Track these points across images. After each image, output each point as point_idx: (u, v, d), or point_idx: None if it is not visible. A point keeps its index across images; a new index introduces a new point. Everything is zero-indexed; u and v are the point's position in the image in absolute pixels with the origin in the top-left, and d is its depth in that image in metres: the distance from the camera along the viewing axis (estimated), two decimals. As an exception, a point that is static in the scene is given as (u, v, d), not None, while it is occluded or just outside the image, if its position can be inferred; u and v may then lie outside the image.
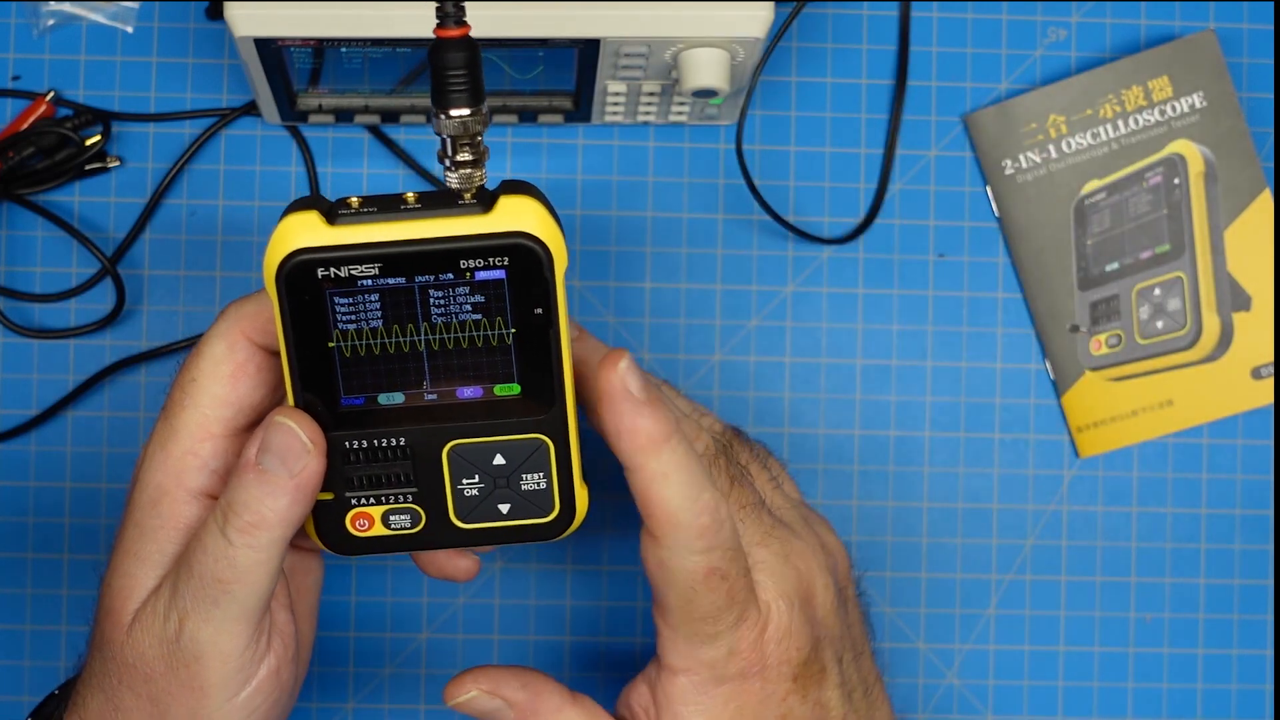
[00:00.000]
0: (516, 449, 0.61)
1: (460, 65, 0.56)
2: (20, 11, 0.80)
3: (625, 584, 0.81)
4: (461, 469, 0.61)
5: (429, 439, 0.60)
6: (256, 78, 0.72)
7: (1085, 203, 0.82)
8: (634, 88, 0.75)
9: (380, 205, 0.57)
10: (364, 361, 0.58)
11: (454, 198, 0.57)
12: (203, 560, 0.59)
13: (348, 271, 0.56)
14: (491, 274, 0.57)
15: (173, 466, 0.61)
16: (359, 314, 0.58)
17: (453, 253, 0.56)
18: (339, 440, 0.60)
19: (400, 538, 0.62)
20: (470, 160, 0.57)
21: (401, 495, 0.61)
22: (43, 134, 0.79)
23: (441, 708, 0.80)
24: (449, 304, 0.58)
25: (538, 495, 0.62)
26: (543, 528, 0.63)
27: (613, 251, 0.82)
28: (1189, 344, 0.82)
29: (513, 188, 0.57)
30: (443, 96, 0.56)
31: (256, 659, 0.61)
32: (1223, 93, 0.82)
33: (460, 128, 0.56)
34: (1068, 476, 0.82)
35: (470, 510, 0.62)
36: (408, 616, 0.81)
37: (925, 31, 0.82)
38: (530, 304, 0.57)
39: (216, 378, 0.61)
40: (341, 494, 0.61)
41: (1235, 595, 0.82)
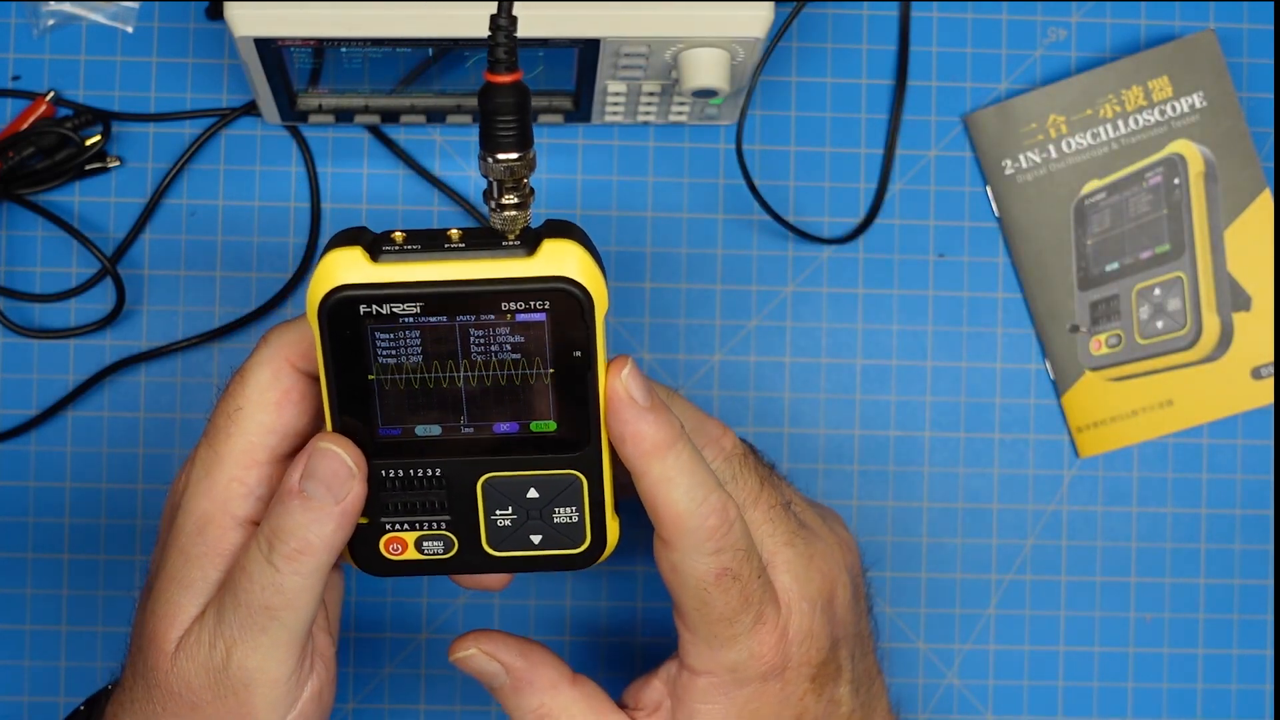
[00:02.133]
0: (550, 484, 0.61)
1: (510, 111, 0.56)
2: (20, 11, 0.80)
3: (625, 584, 0.81)
4: (495, 500, 0.61)
5: (464, 471, 0.61)
6: (256, 78, 0.72)
7: (1085, 203, 0.82)
8: (634, 88, 0.75)
9: (424, 243, 0.57)
10: (403, 395, 0.59)
11: (498, 238, 0.57)
12: (249, 588, 0.59)
13: (390, 310, 0.57)
14: (532, 316, 0.57)
15: (219, 494, 0.61)
16: (399, 349, 0.58)
17: (495, 295, 0.57)
18: (376, 468, 0.60)
19: (433, 562, 0.63)
20: (516, 204, 0.57)
21: (436, 523, 0.62)
22: (43, 134, 0.79)
23: (441, 708, 0.80)
24: (489, 343, 0.58)
25: (570, 528, 0.62)
26: (573, 558, 0.63)
27: (613, 252, 0.82)
28: (1189, 344, 0.82)
29: (556, 229, 0.58)
30: (491, 141, 0.56)
31: (300, 683, 0.61)
32: (1223, 93, 0.82)
33: (507, 172, 0.56)
34: (1068, 476, 0.82)
35: (503, 540, 0.62)
36: (408, 616, 0.81)
37: (925, 31, 0.82)
38: (570, 347, 0.58)
39: (263, 405, 0.61)
40: (376, 519, 0.62)
41: (1235, 595, 0.82)
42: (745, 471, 0.64)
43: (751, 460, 0.65)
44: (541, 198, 0.81)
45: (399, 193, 0.81)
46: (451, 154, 0.81)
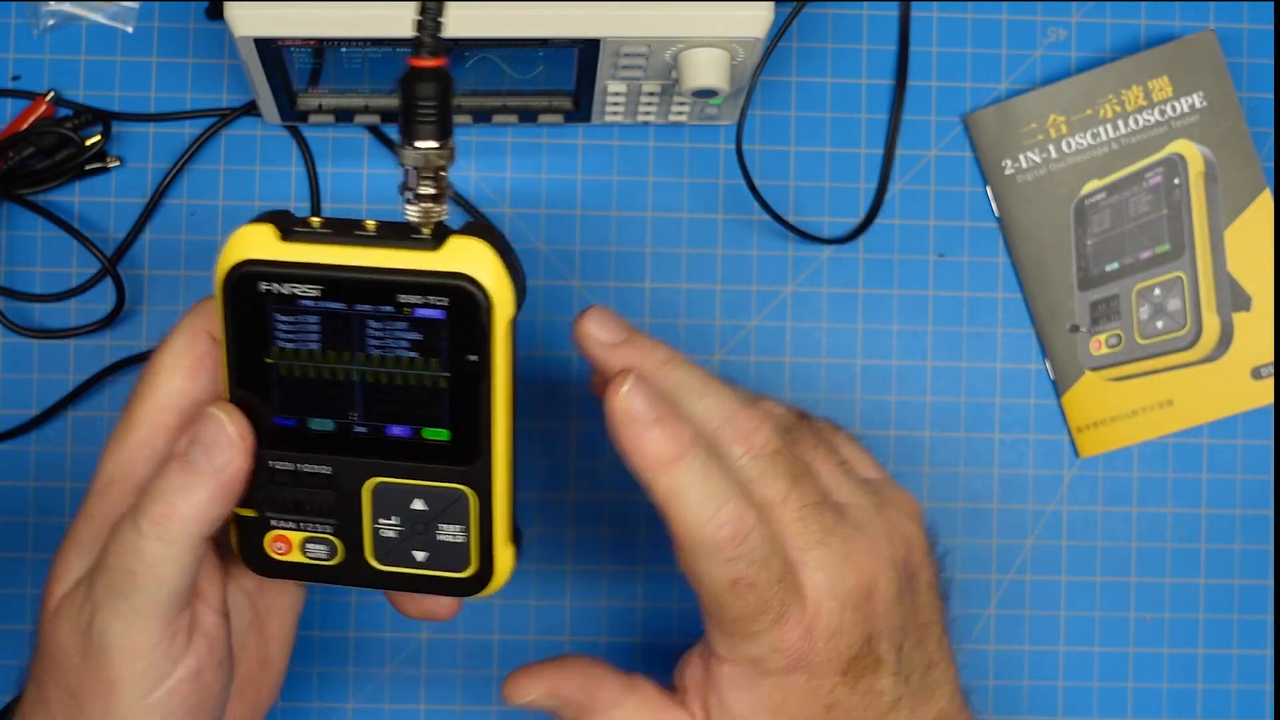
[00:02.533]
0: (437, 496, 0.60)
1: (431, 96, 0.55)
2: (20, 11, 0.80)
3: (625, 584, 0.81)
4: (381, 508, 0.60)
5: (352, 472, 0.59)
6: (256, 78, 0.72)
7: (1085, 203, 0.82)
8: (634, 88, 0.75)
9: (337, 228, 0.56)
10: (299, 383, 0.58)
11: (410, 230, 0.56)
12: (115, 550, 0.58)
13: (290, 289, 0.56)
14: (431, 313, 0.56)
15: (125, 456, 0.60)
16: (298, 334, 0.57)
17: (391, 285, 0.56)
18: (266, 458, 0.59)
19: (317, 568, 0.61)
20: (431, 195, 0.56)
21: (321, 524, 0.61)
22: (43, 134, 0.79)
23: (441, 708, 0.80)
24: (386, 337, 0.57)
25: (454, 548, 0.60)
26: (457, 583, 0.61)
27: (613, 251, 0.82)
28: (1189, 344, 0.82)
29: (473, 229, 0.56)
30: (410, 127, 0.55)
31: (171, 657, 0.59)
32: (1223, 93, 0.82)
33: (423, 159, 0.55)
34: (1068, 476, 0.82)
35: (387, 552, 0.61)
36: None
37: (925, 31, 0.82)
38: (465, 350, 0.56)
39: (176, 370, 0.60)
40: (263, 513, 0.60)
41: (1235, 595, 0.82)
42: (774, 470, 0.62)
43: (784, 459, 0.63)
44: (541, 198, 0.81)
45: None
46: (451, 154, 0.81)
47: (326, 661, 0.80)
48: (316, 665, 0.80)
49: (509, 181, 0.81)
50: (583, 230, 0.82)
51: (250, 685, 0.66)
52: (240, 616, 0.65)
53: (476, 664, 0.81)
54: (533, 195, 0.81)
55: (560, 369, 0.81)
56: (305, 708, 0.80)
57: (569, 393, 0.81)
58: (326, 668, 0.80)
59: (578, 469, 0.81)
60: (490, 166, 0.81)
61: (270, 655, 0.66)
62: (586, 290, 0.81)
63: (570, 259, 0.81)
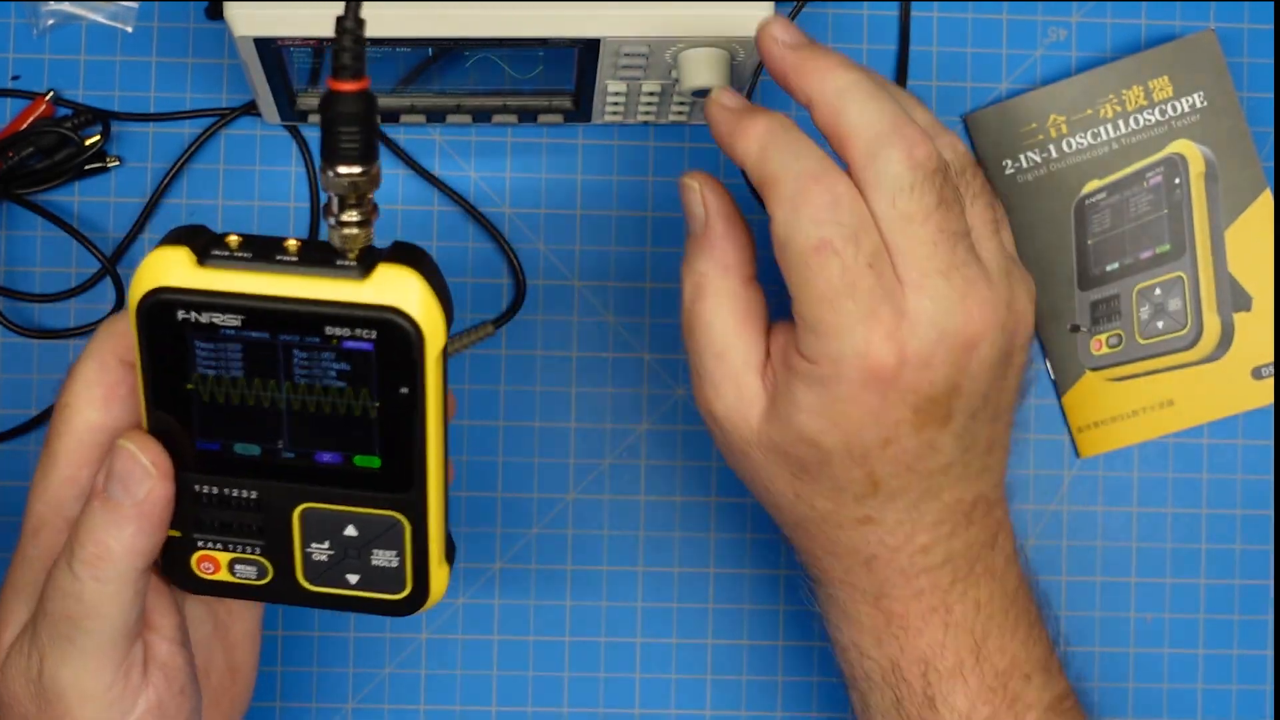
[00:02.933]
0: (370, 523, 0.59)
1: (353, 121, 0.52)
2: (20, 11, 0.80)
3: (625, 584, 0.81)
4: (312, 532, 0.59)
5: (281, 497, 0.58)
6: (256, 77, 0.72)
7: (1086, 202, 0.82)
8: (634, 87, 0.75)
9: (257, 250, 0.54)
10: (222, 409, 0.56)
11: (334, 256, 0.54)
12: (53, 595, 0.57)
13: (209, 319, 0.54)
14: (359, 345, 0.54)
15: (52, 495, 0.59)
16: (220, 361, 0.55)
17: (318, 317, 0.54)
18: (190, 481, 0.58)
19: (244, 587, 0.61)
20: (357, 221, 0.54)
21: (250, 546, 0.60)
22: (42, 134, 0.78)
23: (441, 708, 0.80)
24: (313, 367, 0.55)
25: (388, 572, 0.60)
26: (390, 604, 0.61)
27: (612, 251, 0.82)
28: (1189, 344, 0.82)
29: (400, 254, 0.54)
30: (332, 153, 0.53)
31: (129, 694, 0.58)
32: (1223, 93, 0.82)
33: (349, 187, 0.53)
34: (1068, 476, 0.82)
35: (319, 575, 0.60)
36: (407, 617, 0.80)
37: (925, 31, 0.82)
38: (396, 382, 0.55)
39: (90, 401, 0.59)
40: (189, 533, 0.59)
41: (1235, 595, 0.82)
42: (928, 186, 0.61)
43: (941, 180, 0.61)
44: (541, 197, 0.81)
45: (399, 193, 0.81)
46: (451, 154, 0.81)
47: (326, 661, 0.80)
48: (316, 665, 0.80)
49: (509, 181, 0.81)
50: (583, 230, 0.81)
51: (223, 696, 0.65)
52: (201, 628, 0.64)
53: (476, 664, 0.81)
54: (533, 195, 0.81)
55: (561, 369, 0.81)
56: (305, 708, 0.80)
57: (569, 393, 0.81)
58: (326, 668, 0.80)
59: (578, 469, 0.81)
60: (490, 166, 0.81)
61: (238, 661, 0.65)
62: (586, 290, 0.81)
63: (570, 259, 0.81)
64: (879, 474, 0.64)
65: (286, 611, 0.80)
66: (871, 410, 0.62)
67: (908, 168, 0.61)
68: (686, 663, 0.81)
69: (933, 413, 0.62)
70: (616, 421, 0.81)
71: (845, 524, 0.66)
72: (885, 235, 0.61)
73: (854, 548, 0.66)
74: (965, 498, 0.66)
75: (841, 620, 0.69)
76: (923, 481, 0.64)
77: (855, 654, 0.68)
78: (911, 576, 0.66)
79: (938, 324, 0.61)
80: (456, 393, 0.80)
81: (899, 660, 0.67)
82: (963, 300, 0.62)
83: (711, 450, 0.81)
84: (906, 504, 0.65)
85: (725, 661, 0.81)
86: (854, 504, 0.65)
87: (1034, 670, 0.68)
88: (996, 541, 0.68)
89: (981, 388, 0.63)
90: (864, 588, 0.67)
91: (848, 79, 0.62)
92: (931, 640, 0.66)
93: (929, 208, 0.61)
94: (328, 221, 0.54)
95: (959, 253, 0.62)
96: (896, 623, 0.67)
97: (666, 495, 0.81)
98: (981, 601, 0.67)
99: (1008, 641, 0.67)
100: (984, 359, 0.63)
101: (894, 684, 0.67)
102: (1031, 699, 0.67)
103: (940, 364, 0.62)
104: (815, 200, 0.60)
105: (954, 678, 0.66)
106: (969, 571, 0.66)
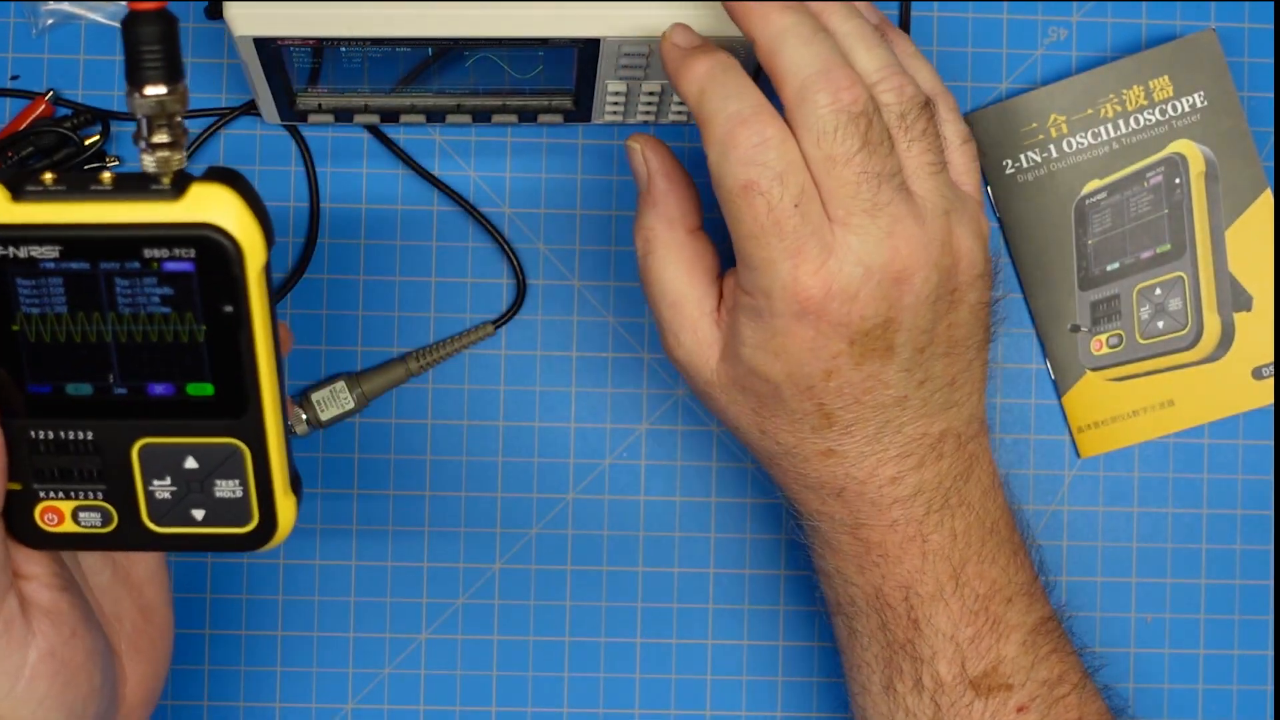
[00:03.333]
0: (209, 453, 0.58)
1: (154, 40, 0.53)
2: (19, 11, 0.80)
3: (624, 584, 0.81)
4: (153, 469, 0.59)
5: (118, 435, 0.58)
6: (256, 77, 0.72)
7: (1086, 202, 0.82)
8: (634, 87, 0.75)
9: (71, 184, 0.54)
10: (49, 348, 0.56)
11: (148, 181, 0.54)
12: None
13: (27, 252, 0.54)
14: (179, 265, 0.54)
15: None
16: (43, 297, 0.55)
17: (134, 240, 0.54)
18: (25, 428, 0.58)
19: (91, 536, 0.60)
20: (167, 142, 0.54)
21: (91, 491, 0.59)
22: (42, 134, 0.78)
23: (441, 708, 0.80)
24: (136, 294, 0.55)
25: (233, 504, 0.59)
26: (241, 539, 0.60)
27: (612, 251, 0.81)
28: (1190, 344, 0.81)
29: (215, 175, 0.55)
30: (137, 73, 0.53)
31: (14, 647, 0.58)
32: (1224, 92, 0.82)
33: (157, 107, 0.53)
34: (1068, 477, 0.82)
35: (163, 514, 0.60)
36: (407, 616, 0.81)
37: (925, 31, 0.82)
38: (219, 301, 0.55)
39: None
40: (30, 485, 0.59)
41: (1236, 595, 0.82)
42: (851, 129, 0.63)
43: (867, 123, 0.64)
44: (541, 197, 0.81)
45: (398, 193, 0.81)
46: (451, 154, 0.81)
47: (326, 662, 0.80)
48: (316, 665, 0.80)
49: (509, 181, 0.81)
50: (583, 230, 0.81)
51: (141, 638, 0.65)
52: (98, 576, 0.64)
53: (476, 664, 0.81)
54: (533, 195, 0.81)
55: (561, 369, 0.81)
56: (305, 708, 0.80)
57: (569, 393, 0.81)
58: (326, 668, 0.80)
59: (578, 469, 0.81)
60: (490, 166, 0.81)
61: (148, 601, 0.65)
62: (586, 290, 0.81)
63: (570, 259, 0.81)
64: (829, 406, 0.66)
65: (287, 612, 0.80)
66: (807, 342, 0.65)
67: (832, 111, 0.63)
68: (686, 663, 0.81)
69: (869, 345, 0.65)
70: (616, 421, 0.81)
71: (810, 457, 0.68)
72: (815, 175, 0.64)
73: (823, 481, 0.69)
74: (930, 431, 0.68)
75: (825, 549, 0.71)
76: (877, 414, 0.67)
77: (840, 580, 0.71)
78: (884, 508, 0.68)
79: (864, 260, 0.64)
80: (456, 393, 0.80)
81: (881, 586, 0.69)
82: (889, 237, 0.64)
83: (712, 450, 0.81)
84: (865, 436, 0.67)
85: (725, 661, 0.81)
86: (813, 436, 0.67)
87: (1016, 595, 0.70)
88: (972, 475, 0.69)
89: (922, 323, 0.66)
90: (840, 518, 0.69)
91: (786, 21, 0.64)
92: (911, 567, 0.69)
93: (851, 150, 0.63)
94: (139, 146, 0.54)
95: (884, 193, 0.64)
96: (876, 551, 0.69)
97: (666, 495, 0.81)
98: (958, 532, 0.69)
99: (987, 568, 0.69)
100: (918, 294, 0.65)
101: (879, 608, 0.69)
102: (1014, 621, 0.69)
103: (868, 298, 0.64)
104: (743, 142, 0.63)
105: (935, 601, 0.68)
106: (943, 504, 0.68)
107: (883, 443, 0.67)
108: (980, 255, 0.68)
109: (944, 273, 0.66)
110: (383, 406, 0.81)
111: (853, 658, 0.72)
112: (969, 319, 0.68)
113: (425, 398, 0.81)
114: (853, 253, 0.64)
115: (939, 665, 0.68)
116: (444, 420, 0.81)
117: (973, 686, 0.68)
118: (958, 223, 0.67)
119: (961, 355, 0.68)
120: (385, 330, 0.81)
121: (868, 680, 0.71)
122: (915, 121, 0.66)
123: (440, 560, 0.81)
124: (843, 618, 0.72)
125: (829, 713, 0.81)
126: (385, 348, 0.81)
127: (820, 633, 0.81)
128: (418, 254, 0.81)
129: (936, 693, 0.68)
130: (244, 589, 0.80)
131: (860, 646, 0.71)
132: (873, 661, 0.70)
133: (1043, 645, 0.69)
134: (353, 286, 0.81)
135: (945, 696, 0.68)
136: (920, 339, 0.66)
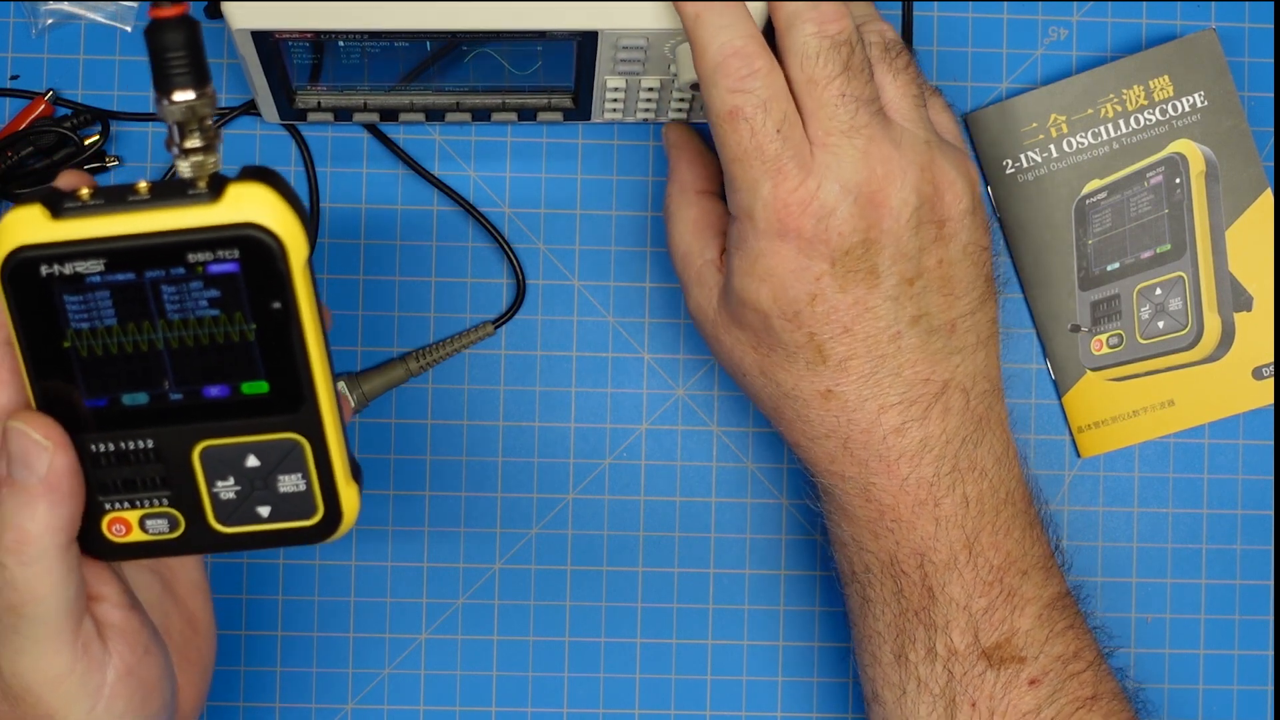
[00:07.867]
0: (269, 450, 0.59)
1: (179, 46, 0.53)
2: (19, 11, 0.80)
3: (624, 584, 0.81)
4: (215, 471, 0.59)
5: (178, 440, 0.58)
6: (255, 74, 0.72)
7: (1086, 202, 0.82)
8: (633, 83, 0.75)
9: (109, 196, 0.54)
10: (102, 361, 0.56)
11: (185, 187, 0.54)
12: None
13: (73, 269, 0.54)
14: (224, 267, 0.55)
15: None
16: (92, 312, 0.55)
17: (178, 246, 0.54)
18: (85, 442, 0.58)
19: (161, 543, 0.60)
20: (201, 147, 0.54)
21: (156, 499, 0.59)
22: (41, 133, 0.78)
23: (441, 708, 0.80)
24: (184, 300, 0.55)
25: (298, 498, 0.60)
26: (308, 531, 0.61)
27: (612, 251, 0.81)
28: (1190, 344, 0.81)
29: (250, 174, 0.55)
30: (165, 81, 0.54)
31: (95, 668, 0.58)
32: (1224, 92, 0.82)
33: (187, 112, 0.54)
34: (1069, 477, 0.82)
35: (230, 514, 0.60)
36: (407, 616, 0.81)
37: (926, 31, 0.82)
38: (267, 298, 0.55)
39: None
40: (95, 498, 0.59)
41: (1236, 596, 0.82)
42: (834, 54, 0.66)
43: (850, 51, 0.66)
44: (541, 197, 0.81)
45: (398, 193, 0.81)
46: (451, 154, 0.81)
47: (326, 662, 0.80)
48: (316, 665, 0.80)
49: (509, 181, 0.81)
50: (583, 230, 0.81)
51: (190, 649, 0.65)
52: (149, 591, 0.64)
53: (476, 664, 0.81)
54: (533, 195, 0.81)
55: (561, 369, 0.81)
56: (305, 708, 0.80)
57: (569, 393, 0.81)
58: (326, 668, 0.80)
59: (578, 469, 0.81)
60: (490, 166, 0.81)
61: (194, 612, 0.65)
62: (586, 290, 0.81)
63: (570, 259, 0.81)
64: (819, 336, 0.67)
65: (287, 612, 0.80)
66: (789, 262, 0.66)
67: (816, 38, 0.66)
68: (686, 663, 0.81)
69: (851, 267, 0.67)
70: (616, 421, 0.81)
71: (811, 400, 0.69)
72: (798, 99, 0.66)
73: (827, 429, 0.69)
74: (932, 379, 0.68)
75: (840, 516, 0.71)
76: (871, 349, 0.68)
77: (855, 548, 0.71)
78: (891, 462, 0.68)
79: (840, 178, 0.66)
80: (456, 393, 0.80)
81: (896, 553, 0.69)
82: (865, 157, 0.66)
83: (712, 450, 0.81)
84: (861, 375, 0.68)
85: (725, 661, 0.81)
86: (808, 373, 0.68)
87: (1031, 568, 0.70)
88: (984, 439, 0.70)
89: (906, 249, 0.67)
90: (851, 476, 0.69)
91: None
92: (924, 533, 0.69)
93: (832, 73, 0.66)
94: (172, 153, 0.55)
95: (861, 115, 0.66)
96: (889, 515, 0.69)
97: (666, 495, 0.81)
98: (970, 498, 0.69)
99: (1001, 539, 0.69)
100: (896, 215, 0.67)
101: (895, 574, 0.70)
102: (1029, 594, 0.69)
103: (846, 215, 0.66)
104: (731, 71, 0.65)
105: (949, 569, 0.69)
106: (953, 467, 0.69)
107: (881, 385, 0.68)
108: (965, 190, 0.69)
109: (924, 199, 0.67)
110: (383, 406, 0.81)
111: (864, 628, 0.72)
112: (962, 258, 0.69)
113: (425, 398, 0.81)
114: (830, 171, 0.66)
115: (953, 634, 0.68)
116: (444, 420, 0.81)
117: (985, 657, 0.68)
118: (939, 154, 0.68)
119: (960, 300, 0.69)
120: (385, 330, 0.81)
121: (879, 650, 0.71)
122: (898, 57, 0.69)
123: (440, 560, 0.80)
124: (856, 586, 0.72)
125: (829, 713, 0.81)
126: (385, 348, 0.81)
127: (820, 633, 0.81)
128: (418, 254, 0.81)
129: (950, 661, 0.68)
130: (244, 589, 0.80)
131: (873, 615, 0.71)
132: (885, 630, 0.70)
133: (1058, 620, 0.69)
134: (353, 286, 0.81)
135: (958, 665, 0.68)
136: (906, 267, 0.67)
